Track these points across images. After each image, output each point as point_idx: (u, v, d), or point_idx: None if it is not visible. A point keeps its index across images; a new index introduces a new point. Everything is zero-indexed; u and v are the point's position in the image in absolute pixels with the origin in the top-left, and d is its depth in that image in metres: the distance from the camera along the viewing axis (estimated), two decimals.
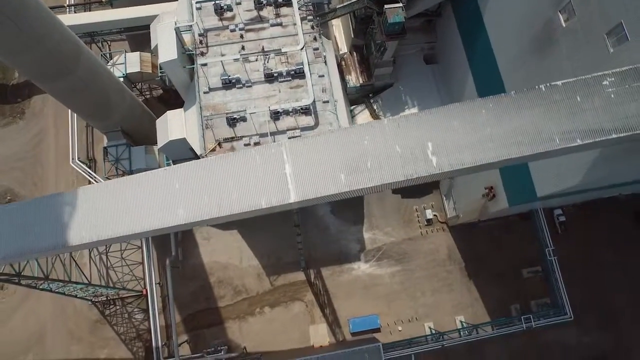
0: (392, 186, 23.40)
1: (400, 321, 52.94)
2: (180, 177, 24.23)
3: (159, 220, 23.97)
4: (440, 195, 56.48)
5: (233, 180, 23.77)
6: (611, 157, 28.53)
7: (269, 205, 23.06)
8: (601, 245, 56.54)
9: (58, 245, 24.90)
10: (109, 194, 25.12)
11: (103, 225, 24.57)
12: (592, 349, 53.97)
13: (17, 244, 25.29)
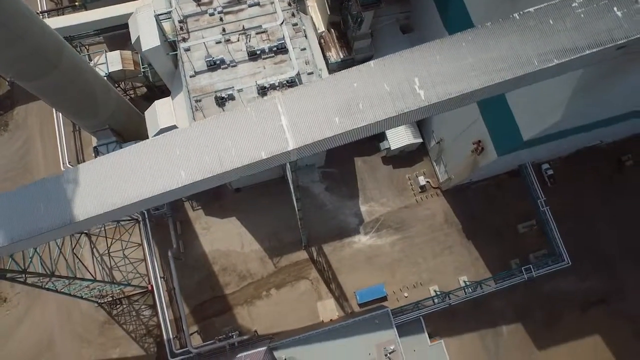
0: (386, 125, 24.19)
1: (405, 288, 53.83)
2: (180, 141, 24.76)
3: (161, 185, 24.43)
4: (430, 161, 57.62)
5: (231, 137, 24.35)
6: (587, 87, 29.79)
7: (270, 156, 23.71)
8: (589, 193, 58.30)
9: (65, 221, 25.21)
10: (110, 166, 25.49)
11: (107, 196, 24.96)
12: (590, 294, 55.54)
13: (23, 226, 25.56)
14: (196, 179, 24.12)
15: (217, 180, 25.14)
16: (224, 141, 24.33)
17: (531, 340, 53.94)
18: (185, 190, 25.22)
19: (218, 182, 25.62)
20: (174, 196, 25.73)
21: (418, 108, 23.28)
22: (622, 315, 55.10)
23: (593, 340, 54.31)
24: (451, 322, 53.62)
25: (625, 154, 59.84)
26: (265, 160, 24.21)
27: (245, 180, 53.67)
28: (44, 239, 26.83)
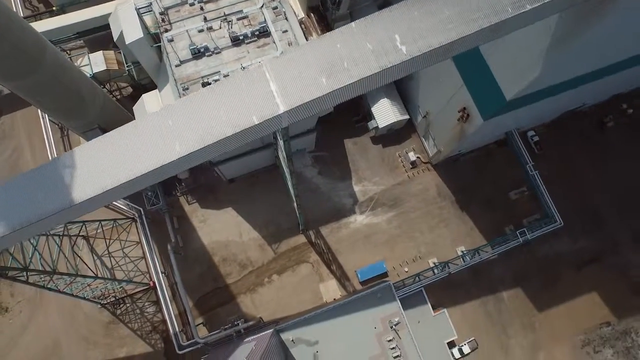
0: (372, 83, 24.83)
1: (405, 262, 54.60)
2: (172, 115, 25.18)
3: (157, 159, 24.86)
4: (419, 137, 58.49)
5: (223, 107, 24.84)
6: (563, 38, 30.80)
7: (262, 121, 24.26)
8: (575, 156, 59.66)
9: (65, 205, 25.49)
10: (106, 147, 25.82)
11: (106, 176, 25.30)
12: (584, 253, 56.83)
13: (23, 213, 25.78)
14: (191, 150, 24.58)
15: (212, 151, 25.58)
16: (216, 111, 24.83)
17: (531, 303, 55.04)
18: (182, 164, 25.64)
19: (213, 154, 26.04)
20: (171, 170, 26.07)
21: (401, 62, 23.97)
22: (617, 271, 56.47)
23: (590, 298, 55.58)
24: (453, 292, 54.52)
25: (607, 115, 61.34)
26: (258, 126, 24.73)
27: (238, 170, 54.08)
28: (45, 226, 27.03)
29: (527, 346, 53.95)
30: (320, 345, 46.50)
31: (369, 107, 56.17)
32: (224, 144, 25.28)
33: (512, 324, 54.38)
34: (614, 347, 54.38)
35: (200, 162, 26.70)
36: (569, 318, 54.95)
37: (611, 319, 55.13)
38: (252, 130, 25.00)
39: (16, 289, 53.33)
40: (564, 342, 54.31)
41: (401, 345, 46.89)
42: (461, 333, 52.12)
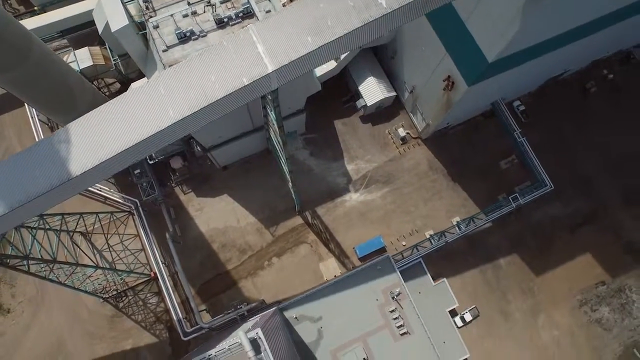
0: (355, 40, 25.54)
1: (402, 237, 55.34)
2: (164, 83, 25.72)
3: (152, 126, 25.39)
4: (407, 113, 59.34)
5: (213, 71, 25.45)
6: None
7: (251, 81, 24.87)
8: (561, 122, 60.85)
9: (62, 178, 25.93)
10: (101, 119, 26.31)
11: (102, 147, 25.78)
12: (577, 215, 57.98)
13: (21, 191, 26.12)
14: (185, 115, 25.11)
15: (205, 116, 26.13)
16: (206, 75, 25.41)
17: (528, 268, 56.03)
18: (177, 130, 26.18)
19: (206, 119, 26.59)
20: (166, 137, 26.55)
21: (381, 16, 24.71)
22: (608, 232, 57.69)
23: (585, 259, 56.71)
24: (451, 263, 55.33)
25: (588, 81, 62.63)
26: (248, 88, 25.35)
27: (232, 157, 54.52)
28: (44, 204, 27.35)
29: (527, 310, 54.92)
30: (324, 320, 47.06)
31: (356, 86, 56.93)
32: (217, 108, 25.85)
33: (511, 290, 55.32)
34: (610, 304, 55.54)
35: (195, 128, 27.20)
36: (566, 280, 56.02)
37: (606, 278, 56.28)
38: (243, 93, 25.61)
39: (17, 290, 53.29)
40: (563, 303, 55.35)
41: (404, 315, 47.60)
42: (462, 302, 52.95)
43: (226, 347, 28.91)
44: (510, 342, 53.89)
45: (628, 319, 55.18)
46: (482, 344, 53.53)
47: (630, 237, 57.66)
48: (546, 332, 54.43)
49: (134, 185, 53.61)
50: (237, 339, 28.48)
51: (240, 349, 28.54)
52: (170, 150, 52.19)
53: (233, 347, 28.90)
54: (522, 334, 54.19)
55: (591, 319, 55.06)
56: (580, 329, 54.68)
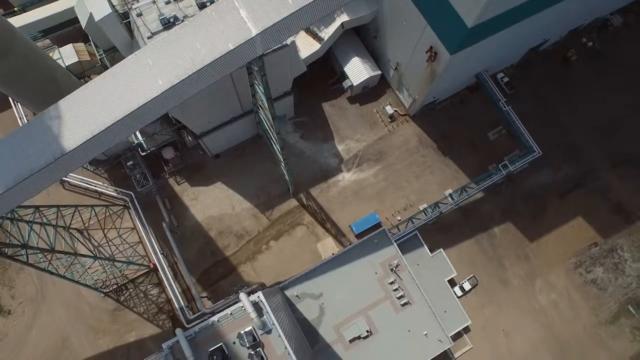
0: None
1: (397, 212, 56.00)
2: (151, 54, 26.12)
3: (142, 96, 25.77)
4: (393, 92, 60.07)
5: (199, 39, 25.89)
6: None
7: (236, 46, 25.34)
8: (545, 91, 61.97)
9: (56, 154, 26.24)
10: (90, 94, 26.65)
11: (94, 121, 26.12)
12: (566, 181, 59.07)
13: (15, 169, 26.36)
14: (173, 82, 25.51)
15: (194, 84, 26.55)
16: (192, 44, 25.82)
17: (522, 234, 56.96)
18: (167, 100, 26.57)
19: (195, 87, 27.02)
20: (157, 109, 26.94)
21: None
22: (597, 195, 58.84)
23: (577, 223, 57.77)
24: (447, 235, 56.08)
25: (569, 50, 63.80)
26: (234, 52, 25.81)
27: (223, 143, 54.90)
28: (40, 182, 27.59)
29: (523, 276, 55.82)
30: (325, 296, 47.56)
31: (341, 68, 57.58)
32: (205, 75, 26.27)
33: (507, 257, 56.20)
34: (603, 265, 56.63)
35: (185, 97, 27.54)
36: (560, 244, 57.03)
37: (598, 240, 57.37)
38: (229, 59, 26.05)
39: (16, 291, 53.20)
40: (558, 266, 56.34)
41: (403, 286, 48.26)
42: (460, 271, 53.68)
43: (229, 313, 29.29)
44: (510, 308, 54.75)
45: (621, 278, 56.29)
46: (482, 312, 54.32)
47: (619, 198, 58.84)
48: (544, 296, 55.37)
49: (128, 178, 53.76)
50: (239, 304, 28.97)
51: (243, 313, 28.92)
52: (162, 140, 52.41)
53: (236, 312, 29.28)
54: (521, 299, 55.08)
55: (586, 279, 56.11)
56: (577, 290, 55.69)
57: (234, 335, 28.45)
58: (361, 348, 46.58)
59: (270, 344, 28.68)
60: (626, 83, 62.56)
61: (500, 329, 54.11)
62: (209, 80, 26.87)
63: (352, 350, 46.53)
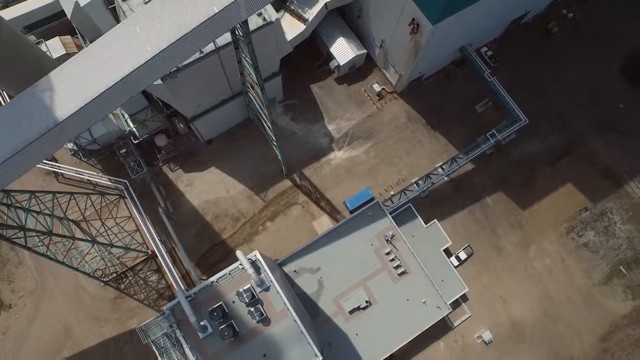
0: None
1: (390, 187, 56.77)
2: (138, 22, 26.67)
3: (132, 63, 26.33)
4: (380, 71, 60.90)
5: (182, 5, 26.49)
6: None
7: (221, 9, 25.96)
8: (529, 63, 63.09)
9: (49, 124, 26.74)
10: (80, 64, 27.15)
11: (85, 90, 26.63)
12: (554, 149, 60.18)
13: (11, 142, 26.82)
14: (162, 47, 26.08)
15: (183, 49, 27.12)
16: (177, 9, 26.39)
17: (514, 203, 57.96)
18: (157, 66, 27.10)
19: (184, 52, 27.59)
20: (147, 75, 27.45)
21: None
22: (585, 161, 60.00)
23: (567, 189, 58.87)
24: (440, 208, 56.93)
25: (550, 22, 64.95)
26: (219, 16, 26.41)
27: (215, 128, 55.44)
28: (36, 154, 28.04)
29: (517, 243, 56.80)
30: (323, 270, 48.22)
31: (327, 49, 58.29)
32: (192, 40, 26.83)
33: (500, 226, 57.15)
34: (594, 228, 57.73)
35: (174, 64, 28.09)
36: (551, 210, 58.08)
37: (588, 204, 58.48)
38: (215, 23, 26.64)
39: (16, 285, 53.37)
40: (550, 232, 57.36)
41: (400, 256, 49.03)
42: (455, 242, 54.52)
43: (227, 273, 29.87)
44: (506, 275, 55.70)
45: (612, 240, 57.43)
46: (479, 281, 55.21)
47: (606, 163, 60.02)
48: (538, 262, 56.37)
49: (121, 168, 54.10)
50: (237, 263, 29.56)
51: (241, 273, 29.50)
52: (154, 127, 52.82)
53: (234, 272, 29.85)
54: (516, 266, 56.04)
55: (578, 244, 57.18)
56: (570, 255, 56.74)
57: (233, 294, 29.03)
58: (361, 319, 47.30)
59: (269, 301, 29.30)
60: (606, 52, 63.87)
61: (498, 295, 55.04)
62: (197, 46, 27.46)
63: (353, 322, 47.22)
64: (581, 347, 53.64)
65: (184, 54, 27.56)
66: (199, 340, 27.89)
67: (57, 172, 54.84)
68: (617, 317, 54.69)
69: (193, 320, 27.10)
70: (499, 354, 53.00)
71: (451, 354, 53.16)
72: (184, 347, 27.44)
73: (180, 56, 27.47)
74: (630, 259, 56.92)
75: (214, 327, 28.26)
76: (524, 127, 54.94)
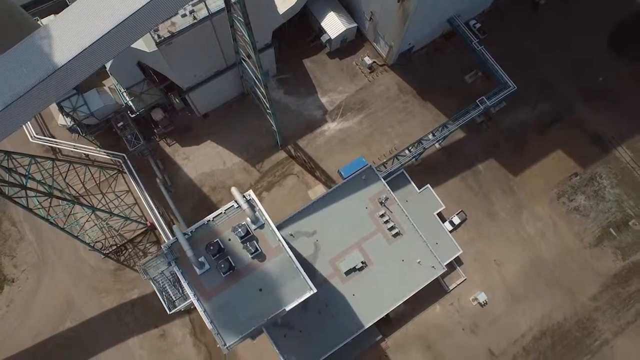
0: None
1: (383, 156, 57.85)
2: None
3: (128, 8, 27.44)
4: (371, 44, 62.12)
5: None
6: None
7: None
8: (517, 35, 64.41)
9: (49, 70, 27.77)
10: (77, 12, 28.23)
11: (82, 36, 27.70)
12: (544, 116, 61.43)
13: (12, 88, 27.84)
14: None
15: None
16: None
17: (506, 170, 59.12)
18: (153, 12, 28.17)
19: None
20: (143, 23, 28.49)
21: None
22: (574, 127, 61.24)
23: (557, 155, 60.06)
24: (433, 175, 58.00)
25: None
26: None
27: (210, 102, 56.54)
28: (37, 101, 29.02)
29: (510, 208, 57.92)
30: (319, 234, 49.12)
31: (318, 24, 59.49)
32: None
33: (492, 191, 58.28)
34: (584, 193, 58.89)
35: (170, 11, 29.13)
36: (542, 176, 59.24)
37: (578, 170, 59.68)
38: None
39: (18, 260, 54.29)
40: (542, 197, 58.50)
41: (393, 218, 50.00)
42: (448, 208, 55.58)
43: (223, 211, 30.91)
44: (499, 240, 56.79)
45: (602, 203, 58.58)
46: (473, 245, 56.30)
47: (594, 129, 61.25)
48: (531, 226, 57.49)
49: (119, 143, 55.10)
50: (231, 202, 30.68)
51: (236, 212, 30.53)
52: (150, 101, 53.78)
53: (229, 210, 30.87)
54: (510, 230, 57.14)
55: (569, 208, 58.33)
56: (561, 218, 57.87)
57: (229, 232, 30.03)
58: (358, 279, 48.25)
59: (263, 238, 30.29)
60: (594, 22, 65.25)
61: (492, 259, 56.12)
62: None
63: (349, 283, 48.18)
64: (574, 306, 54.73)
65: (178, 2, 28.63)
66: (197, 276, 28.84)
67: (56, 148, 55.81)
68: (607, 277, 55.81)
69: (190, 255, 28.07)
70: (495, 315, 54.03)
71: (447, 316, 54.19)
72: (183, 282, 28.40)
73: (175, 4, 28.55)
74: (619, 221, 58.08)
75: (211, 263, 29.23)
76: (514, 95, 56.05)
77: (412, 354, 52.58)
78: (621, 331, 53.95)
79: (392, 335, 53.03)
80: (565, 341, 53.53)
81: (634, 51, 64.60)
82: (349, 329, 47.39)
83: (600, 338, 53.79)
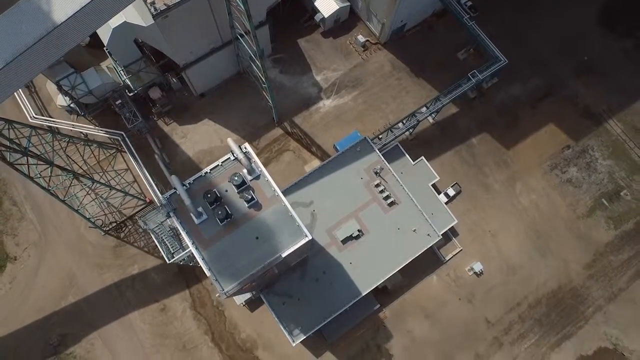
0: None
1: (377, 131, 58.51)
2: None
3: None
4: (364, 23, 63.14)
5: None
6: None
7: None
8: (509, 14, 65.38)
9: (48, 28, 28.68)
10: None
11: None
12: (536, 91, 62.41)
13: (11, 46, 28.72)
14: None
15: None
16: None
17: (499, 143, 60.06)
18: None
19: None
20: None
21: None
22: (566, 101, 62.25)
23: (549, 128, 61.03)
24: (427, 149, 58.85)
25: None
26: None
27: (207, 80, 57.45)
28: (39, 59, 29.89)
29: (504, 180, 58.83)
30: (315, 204, 50.01)
31: (312, 3, 60.48)
32: None
33: (486, 164, 59.19)
34: (577, 165, 59.84)
35: None
36: (535, 149, 60.19)
37: (570, 142, 60.62)
38: None
39: (20, 239, 55.06)
40: (535, 170, 59.43)
41: (389, 188, 50.86)
42: (443, 180, 56.52)
43: (219, 163, 31.77)
44: (494, 211, 57.67)
45: (594, 175, 59.52)
46: (468, 217, 57.17)
47: (586, 102, 62.24)
48: (525, 197, 58.39)
49: (117, 122, 55.97)
50: (227, 155, 31.59)
51: (232, 164, 31.38)
52: (147, 80, 54.64)
53: (225, 163, 31.72)
54: (504, 202, 58.04)
55: (562, 180, 59.26)
56: (554, 190, 58.79)
57: (226, 183, 30.88)
58: (354, 248, 49.10)
59: (259, 188, 31.14)
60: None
61: (487, 230, 57.00)
62: None
63: (346, 251, 49.03)
64: (567, 275, 55.59)
65: None
66: (195, 225, 29.66)
67: (54, 128, 56.61)
68: (600, 246, 56.69)
69: (188, 203, 28.90)
70: (490, 285, 54.87)
71: (444, 286, 55.03)
72: (181, 232, 29.24)
73: None
74: (611, 192, 59.01)
75: (208, 213, 30.05)
76: (506, 70, 57.00)
77: (409, 324, 53.39)
78: (614, 298, 54.82)
79: (390, 306, 53.85)
80: (560, 308, 54.38)
81: (624, 26, 65.74)
82: (346, 297, 48.19)
83: (593, 305, 54.65)
